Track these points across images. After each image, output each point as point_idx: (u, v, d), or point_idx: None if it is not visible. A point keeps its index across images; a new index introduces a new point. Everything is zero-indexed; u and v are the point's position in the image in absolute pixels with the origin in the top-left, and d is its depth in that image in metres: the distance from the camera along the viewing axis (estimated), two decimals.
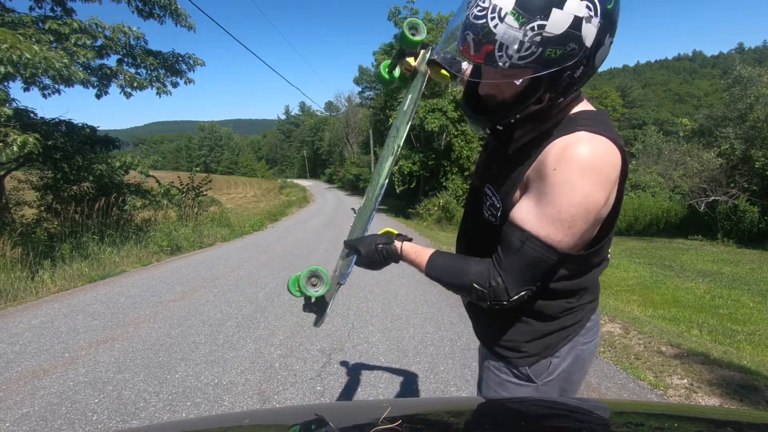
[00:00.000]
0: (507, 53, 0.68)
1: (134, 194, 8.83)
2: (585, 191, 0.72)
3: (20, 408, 2.39)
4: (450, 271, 0.88)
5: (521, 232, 0.77)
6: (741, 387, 2.60)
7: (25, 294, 4.83)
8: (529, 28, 0.67)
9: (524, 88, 0.75)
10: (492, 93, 0.81)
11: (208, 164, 72.13)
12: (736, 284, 7.25)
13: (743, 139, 14.81)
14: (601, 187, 0.73)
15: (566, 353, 0.92)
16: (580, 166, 0.72)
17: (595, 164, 0.72)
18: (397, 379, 2.73)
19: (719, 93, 30.45)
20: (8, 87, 5.79)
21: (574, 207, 0.72)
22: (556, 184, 0.73)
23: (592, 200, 0.72)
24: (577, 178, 0.72)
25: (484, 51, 0.69)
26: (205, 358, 3.04)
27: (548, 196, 0.74)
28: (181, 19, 7.74)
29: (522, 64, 0.69)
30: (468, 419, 0.75)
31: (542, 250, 0.76)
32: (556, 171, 0.73)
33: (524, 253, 0.77)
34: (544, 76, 0.71)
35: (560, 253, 0.76)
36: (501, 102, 0.79)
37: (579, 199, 0.72)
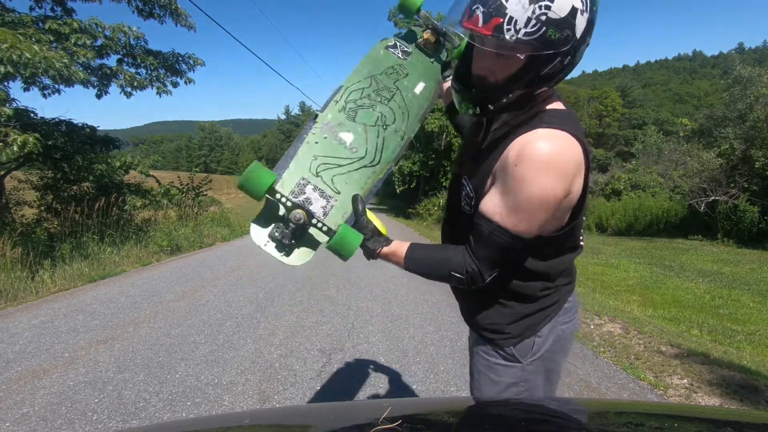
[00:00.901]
0: (515, 27, 0.74)
1: (134, 194, 8.84)
2: (542, 185, 0.78)
3: (20, 408, 2.39)
4: (428, 263, 0.94)
5: (489, 223, 0.84)
6: (741, 387, 2.60)
7: (25, 294, 4.83)
8: (537, 6, 0.73)
9: (516, 71, 0.81)
10: (484, 74, 0.85)
11: (208, 164, 72.14)
12: (736, 284, 7.24)
13: (743, 139, 14.80)
14: (559, 180, 0.79)
15: (547, 333, 0.98)
16: (537, 162, 0.78)
17: (551, 159, 0.78)
18: (397, 379, 2.73)
19: (719, 93, 30.46)
20: (8, 87, 5.79)
21: (533, 200, 0.79)
22: (516, 178, 0.79)
23: (550, 193, 0.79)
24: (534, 173, 0.78)
25: (493, 23, 0.74)
26: (205, 358, 3.04)
27: (511, 189, 0.81)
28: (181, 19, 7.74)
29: (526, 40, 0.74)
30: (468, 419, 0.75)
31: (508, 239, 0.83)
32: (516, 167, 0.79)
33: (493, 242, 0.84)
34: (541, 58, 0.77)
35: (525, 239, 0.84)
36: (492, 84, 0.84)
37: (536, 192, 0.78)
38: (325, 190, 0.99)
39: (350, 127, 1.08)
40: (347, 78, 1.16)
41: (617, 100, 55.21)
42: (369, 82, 1.16)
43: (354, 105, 1.11)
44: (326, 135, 1.06)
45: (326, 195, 0.99)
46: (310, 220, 0.95)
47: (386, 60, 1.22)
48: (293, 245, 0.97)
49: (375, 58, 1.21)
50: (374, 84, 1.16)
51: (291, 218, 0.93)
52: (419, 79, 1.21)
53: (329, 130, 1.06)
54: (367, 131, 1.09)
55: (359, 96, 1.13)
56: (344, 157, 1.04)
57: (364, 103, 1.12)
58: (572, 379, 2.74)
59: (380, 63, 1.21)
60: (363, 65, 1.19)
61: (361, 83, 1.15)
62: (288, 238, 0.94)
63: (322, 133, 1.06)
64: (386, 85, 1.17)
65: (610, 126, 53.27)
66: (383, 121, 1.11)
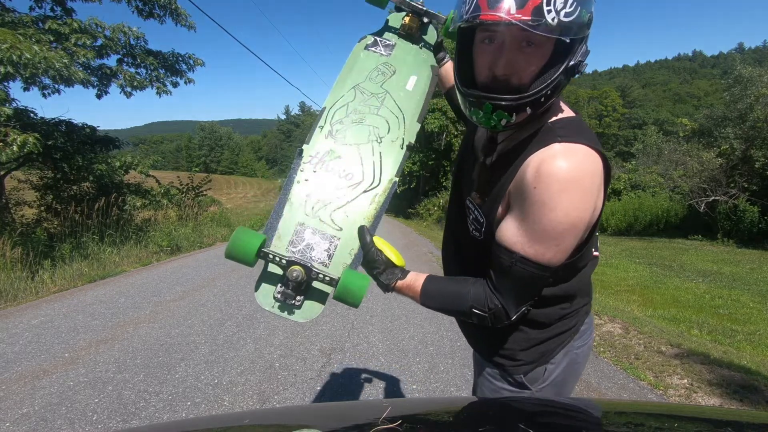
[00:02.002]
0: (555, 7, 0.63)
1: (134, 194, 8.83)
2: (568, 207, 0.69)
3: (20, 408, 2.39)
4: (446, 299, 0.85)
5: (510, 254, 0.74)
6: (741, 387, 2.60)
7: (25, 294, 4.83)
8: None
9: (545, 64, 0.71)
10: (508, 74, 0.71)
11: (208, 164, 72.09)
12: (736, 284, 7.24)
13: (743, 139, 14.81)
14: (584, 199, 0.70)
15: (561, 359, 0.91)
16: (559, 182, 0.68)
17: (574, 178, 0.69)
18: (397, 379, 2.73)
19: (719, 93, 30.42)
20: (8, 87, 5.78)
21: (559, 224, 0.70)
22: (537, 203, 0.70)
23: (577, 215, 0.70)
24: (557, 195, 0.69)
25: (530, 5, 0.62)
26: (205, 358, 3.04)
27: (532, 215, 0.71)
28: (181, 19, 7.74)
29: (567, 22, 0.64)
30: (468, 419, 0.75)
31: (534, 269, 0.74)
32: (536, 189, 0.70)
33: (517, 274, 0.75)
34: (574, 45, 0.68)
35: (553, 269, 0.75)
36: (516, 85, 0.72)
37: (563, 216, 0.69)
38: (325, 231, 0.91)
39: (341, 152, 0.98)
40: (329, 96, 1.06)
41: (617, 100, 55.24)
42: (353, 95, 1.06)
43: (341, 125, 1.01)
44: (315, 169, 0.97)
45: (328, 236, 0.91)
46: (310, 274, 0.87)
47: (368, 62, 1.11)
48: (301, 301, 0.90)
49: (355, 64, 1.11)
50: (359, 95, 1.06)
51: (288, 277, 0.86)
52: (409, 72, 1.10)
53: (318, 162, 0.97)
54: (360, 151, 0.99)
55: (345, 113, 1.03)
56: (340, 188, 0.96)
57: (352, 119, 1.02)
58: None
59: (362, 68, 1.10)
60: (343, 76, 1.09)
61: (345, 98, 1.05)
62: (291, 297, 0.89)
63: (312, 167, 0.97)
64: (373, 91, 1.06)
65: (610, 126, 53.30)
66: (377, 135, 1.01)
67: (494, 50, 0.71)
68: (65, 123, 7.52)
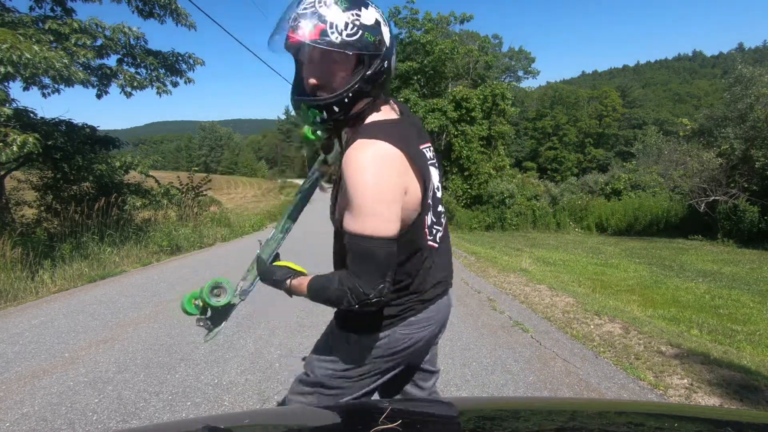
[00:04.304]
0: (338, 30, 0.87)
1: (134, 194, 8.83)
2: (367, 184, 0.86)
3: (20, 408, 2.39)
4: (319, 290, 0.99)
5: (346, 234, 0.91)
6: (741, 387, 2.60)
7: (25, 294, 4.83)
8: (351, 14, 0.88)
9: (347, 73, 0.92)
10: (318, 82, 0.94)
11: (209, 164, 72.02)
12: (736, 284, 7.24)
13: (743, 139, 14.79)
14: (381, 177, 0.88)
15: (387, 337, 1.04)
16: (357, 167, 0.88)
17: (367, 162, 0.88)
18: None
19: (719, 93, 30.43)
20: (8, 87, 5.78)
21: (367, 199, 0.86)
22: (347, 186, 0.88)
23: (377, 189, 0.87)
24: (358, 176, 0.87)
25: (318, 29, 0.86)
26: (205, 358, 3.04)
27: (348, 197, 0.89)
28: (182, 19, 7.74)
29: (350, 41, 0.88)
30: (468, 419, 0.75)
31: (364, 242, 0.87)
32: (346, 177, 0.89)
33: (357, 251, 0.89)
34: (365, 59, 0.91)
35: (386, 239, 0.88)
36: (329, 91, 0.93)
37: (367, 192, 0.86)
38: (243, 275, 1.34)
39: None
40: None
41: (617, 100, 55.20)
42: None
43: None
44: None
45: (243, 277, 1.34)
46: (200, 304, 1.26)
47: None
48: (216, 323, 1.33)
49: None
50: None
51: None
52: None
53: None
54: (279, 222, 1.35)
55: None
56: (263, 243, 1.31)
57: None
58: (572, 379, 2.74)
59: None
60: None
61: None
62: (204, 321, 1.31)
63: None
64: None
65: (610, 126, 53.27)
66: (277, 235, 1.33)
67: (308, 67, 0.95)
68: (65, 123, 7.52)
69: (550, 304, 4.60)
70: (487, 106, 19.25)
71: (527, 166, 47.79)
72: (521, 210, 17.62)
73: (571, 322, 3.95)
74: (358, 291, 0.89)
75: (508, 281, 5.77)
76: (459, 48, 19.81)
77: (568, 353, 3.17)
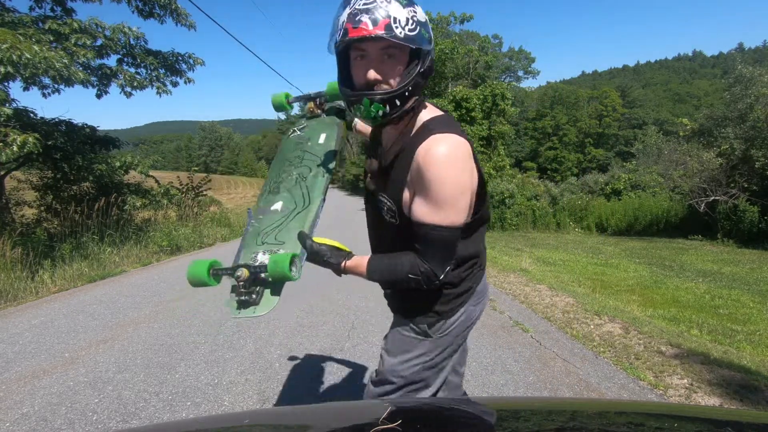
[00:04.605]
0: (401, 24, 0.89)
1: (134, 194, 8.83)
2: (452, 177, 0.94)
3: (20, 408, 2.39)
4: (387, 271, 1.05)
5: (424, 226, 0.97)
6: (741, 387, 2.60)
7: (25, 294, 4.83)
8: (409, 10, 0.91)
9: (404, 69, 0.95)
10: (376, 78, 0.94)
11: (209, 164, 72.01)
12: (736, 284, 7.24)
13: (743, 139, 14.77)
14: (462, 168, 0.95)
15: (459, 315, 1.15)
16: (442, 162, 0.93)
17: (450, 156, 0.94)
18: None
19: (719, 93, 30.41)
20: (8, 87, 5.78)
21: (450, 191, 0.94)
22: (432, 180, 0.93)
23: (462, 180, 0.95)
24: (444, 171, 0.93)
25: (383, 23, 0.88)
26: (205, 358, 3.04)
27: (431, 191, 0.94)
28: (182, 19, 7.74)
29: (411, 36, 0.90)
30: (468, 419, 0.75)
31: (445, 231, 0.96)
32: (428, 171, 0.93)
33: (434, 240, 0.97)
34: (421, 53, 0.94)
35: (459, 228, 0.98)
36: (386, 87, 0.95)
37: (451, 184, 0.94)
38: (272, 248, 1.13)
39: (278, 199, 1.26)
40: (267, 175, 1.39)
41: (617, 100, 55.17)
42: (282, 164, 1.38)
43: (275, 183, 1.31)
44: (261, 215, 1.23)
45: (274, 251, 1.12)
46: (251, 269, 1.05)
47: (290, 143, 1.46)
48: (257, 294, 1.06)
49: (282, 148, 1.46)
50: (286, 162, 1.38)
51: (235, 278, 1.05)
52: (320, 133, 1.43)
53: (262, 211, 1.24)
54: (291, 191, 1.26)
55: (277, 176, 1.34)
56: (279, 219, 1.20)
57: (283, 177, 1.32)
58: (572, 379, 2.74)
59: (286, 148, 1.45)
60: (275, 159, 1.43)
61: (276, 168, 1.38)
62: (245, 295, 1.05)
63: (258, 216, 1.24)
64: (295, 155, 1.39)
65: (610, 126, 53.25)
66: (302, 177, 1.30)
67: (365, 62, 0.94)
68: (65, 123, 7.52)
69: (550, 304, 4.60)
70: (487, 106, 19.25)
71: (527, 166, 47.78)
72: (521, 210, 17.61)
73: (571, 322, 3.95)
74: (430, 274, 0.99)
75: (508, 281, 5.77)
76: (459, 48, 19.81)
77: (568, 353, 3.17)
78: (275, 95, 1.52)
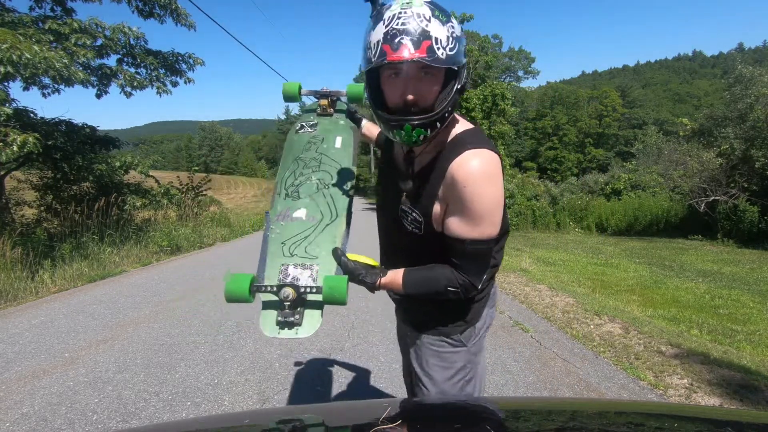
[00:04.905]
0: (442, 45, 0.83)
1: (134, 194, 8.83)
2: (490, 193, 0.94)
3: (20, 408, 2.39)
4: (424, 285, 1.04)
5: (463, 241, 0.97)
6: (741, 387, 2.60)
7: (25, 294, 4.83)
8: (448, 26, 0.86)
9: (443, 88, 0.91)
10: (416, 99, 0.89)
11: (209, 164, 71.98)
12: (736, 284, 7.24)
13: (743, 139, 14.77)
14: (497, 184, 0.95)
15: (484, 317, 1.17)
16: (479, 178, 0.92)
17: (486, 171, 0.93)
18: (397, 379, 2.73)
19: (719, 93, 30.40)
20: (8, 87, 5.79)
21: (488, 206, 0.94)
22: (468, 197, 0.93)
23: (497, 195, 0.95)
24: (482, 187, 0.93)
25: (424, 46, 0.82)
26: (205, 358, 3.04)
27: (468, 208, 0.94)
28: (182, 19, 7.74)
29: (452, 55, 0.85)
30: (468, 419, 0.75)
31: (482, 245, 0.97)
32: (466, 188, 0.92)
33: (472, 254, 0.98)
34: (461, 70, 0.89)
35: (495, 239, 0.99)
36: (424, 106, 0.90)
37: (488, 200, 0.94)
38: (304, 263, 1.08)
39: (300, 205, 1.21)
40: (278, 172, 1.34)
41: (617, 100, 55.15)
42: (296, 164, 1.32)
43: (293, 187, 1.26)
44: (283, 222, 1.17)
45: (307, 266, 1.08)
46: (299, 290, 1.00)
47: (300, 140, 1.40)
48: (300, 315, 1.01)
49: (292, 145, 1.39)
50: (300, 163, 1.32)
51: (282, 298, 0.99)
52: (335, 135, 1.39)
53: (283, 217, 1.18)
54: (314, 199, 1.22)
55: (294, 178, 1.28)
56: (307, 228, 1.15)
57: (301, 180, 1.27)
58: (572, 379, 2.74)
59: (297, 145, 1.38)
60: (285, 154, 1.37)
61: (290, 168, 1.31)
62: (290, 316, 1.00)
63: (279, 222, 1.17)
64: (311, 156, 1.33)
65: (610, 126, 53.23)
66: (324, 184, 1.25)
67: (402, 81, 0.89)
68: (65, 123, 7.52)
69: (550, 304, 4.60)
70: (487, 106, 19.24)
71: (527, 166, 47.78)
72: (521, 210, 17.60)
73: (571, 322, 3.95)
74: (469, 285, 1.00)
75: (508, 281, 5.77)
76: None
77: (568, 353, 3.17)
78: (289, 84, 1.45)
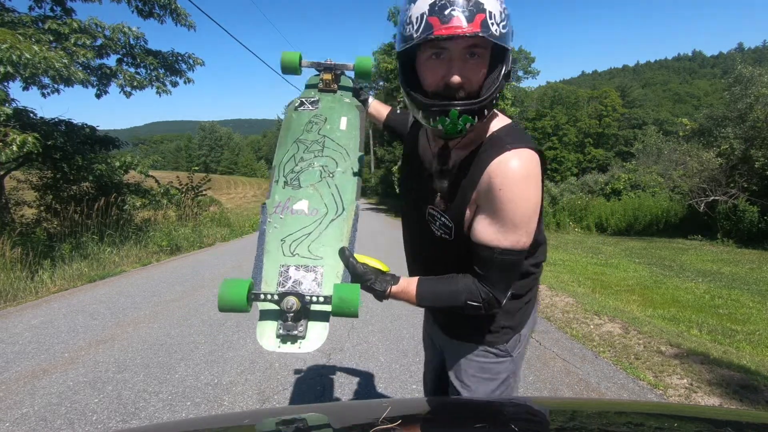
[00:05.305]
0: (496, 20, 0.74)
1: (134, 194, 8.84)
2: (529, 198, 0.84)
3: (20, 408, 2.39)
4: (441, 298, 0.93)
5: (492, 250, 0.86)
6: (741, 387, 2.60)
7: (25, 294, 4.83)
8: (501, 1, 0.76)
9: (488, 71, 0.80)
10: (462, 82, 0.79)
11: (208, 164, 72.03)
12: (735, 284, 7.24)
13: (743, 139, 14.77)
14: (537, 188, 0.85)
15: (529, 323, 1.08)
16: (519, 182, 0.83)
17: (528, 174, 0.83)
18: (397, 379, 2.73)
19: (719, 93, 30.38)
20: (8, 87, 5.79)
21: (525, 212, 0.84)
22: (506, 201, 0.83)
23: (535, 200, 0.85)
24: (520, 191, 0.83)
25: (478, 19, 0.73)
26: (205, 358, 3.04)
27: (503, 212, 0.84)
28: (181, 19, 7.74)
29: (504, 33, 0.76)
30: (468, 419, 0.75)
31: (514, 256, 0.86)
32: (502, 191, 0.83)
33: (500, 265, 0.87)
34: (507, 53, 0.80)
35: (524, 251, 0.88)
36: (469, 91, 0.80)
37: (526, 205, 0.84)
38: (307, 264, 0.97)
39: (301, 195, 1.07)
40: (275, 154, 1.18)
41: (617, 100, 55.13)
42: (296, 147, 1.17)
43: (293, 174, 1.12)
44: (281, 215, 1.05)
45: (311, 267, 0.97)
46: (304, 299, 0.90)
47: (301, 119, 1.25)
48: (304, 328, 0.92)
49: (291, 124, 1.24)
50: (301, 145, 1.18)
51: (284, 309, 0.89)
52: (339, 115, 1.24)
53: (282, 209, 1.06)
54: (318, 189, 1.08)
55: (294, 164, 1.14)
56: (310, 224, 1.03)
57: (302, 166, 1.13)
58: (572, 379, 2.74)
59: (297, 125, 1.23)
60: (283, 135, 1.22)
61: (290, 152, 1.17)
62: (293, 329, 0.90)
63: (278, 215, 1.05)
64: (312, 139, 1.18)
65: (609, 126, 53.22)
66: (328, 172, 1.12)
67: (445, 62, 0.79)
68: (65, 123, 7.52)
69: (550, 304, 4.60)
70: None
71: None
72: None
73: (571, 322, 3.95)
74: (492, 300, 0.89)
75: None
76: None
77: (568, 353, 3.17)
78: (288, 52, 1.29)
